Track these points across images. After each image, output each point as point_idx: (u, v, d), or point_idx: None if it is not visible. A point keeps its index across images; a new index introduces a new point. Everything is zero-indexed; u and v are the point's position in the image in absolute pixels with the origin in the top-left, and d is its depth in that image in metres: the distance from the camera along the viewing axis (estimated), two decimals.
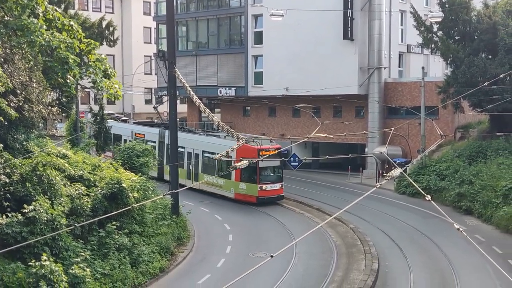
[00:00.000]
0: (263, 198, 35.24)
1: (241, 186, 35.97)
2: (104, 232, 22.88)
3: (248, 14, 50.91)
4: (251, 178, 35.61)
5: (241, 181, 36.05)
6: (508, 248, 26.72)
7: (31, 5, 12.59)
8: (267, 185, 35.51)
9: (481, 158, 36.70)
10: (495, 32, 36.07)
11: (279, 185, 36.20)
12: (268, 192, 35.46)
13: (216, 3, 53.90)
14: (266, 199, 35.43)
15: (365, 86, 45.94)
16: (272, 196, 35.79)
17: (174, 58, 30.76)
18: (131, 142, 35.01)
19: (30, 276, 18.76)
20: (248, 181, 35.85)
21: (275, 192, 35.98)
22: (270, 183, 35.88)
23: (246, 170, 33.81)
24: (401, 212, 34.36)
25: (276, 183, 36.08)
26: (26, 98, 22.46)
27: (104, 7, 74.21)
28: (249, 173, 35.34)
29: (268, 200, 35.42)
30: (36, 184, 21.03)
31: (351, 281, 22.82)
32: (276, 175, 36.63)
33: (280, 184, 36.31)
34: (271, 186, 35.72)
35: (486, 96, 35.13)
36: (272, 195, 35.80)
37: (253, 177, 35.45)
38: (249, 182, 35.78)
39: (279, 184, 36.23)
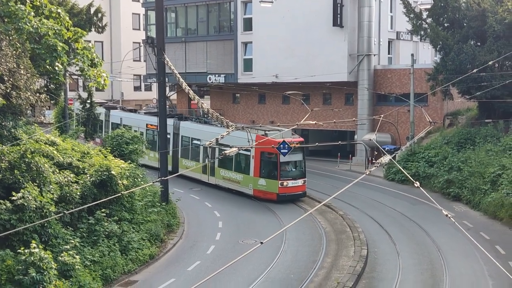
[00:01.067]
0: (284, 195, 32.87)
1: (260, 182, 33.41)
2: (94, 219, 22.89)
3: (238, 0, 50.65)
4: (271, 173, 33.33)
5: (260, 176, 33.57)
6: (495, 234, 26.97)
7: None
8: (288, 181, 32.98)
9: (469, 145, 36.90)
10: (484, 19, 36.12)
11: (301, 181, 33.70)
12: (289, 189, 33.01)
13: None
14: (287, 196, 33.01)
15: (355, 73, 45.97)
16: (293, 193, 33.27)
17: (163, 44, 30.63)
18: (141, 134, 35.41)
19: (19, 263, 18.76)
20: (268, 177, 33.39)
21: (297, 189, 33.42)
22: (292, 179, 33.32)
23: (266, 165, 33.21)
24: (390, 198, 34.54)
25: (298, 179, 33.55)
26: (14, 85, 22.31)
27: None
28: (269, 168, 33.55)
29: (289, 197, 33.07)
30: (25, 172, 20.97)
31: (340, 267, 22.96)
32: (298, 171, 34.26)
33: (303, 180, 33.81)
34: (292, 182, 33.14)
35: (475, 83, 35.27)
36: (293, 192, 33.28)
37: (274, 173, 33.16)
38: (269, 178, 33.26)
39: (301, 180, 33.71)
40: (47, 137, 25.20)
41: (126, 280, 22.17)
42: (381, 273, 22.71)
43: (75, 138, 32.60)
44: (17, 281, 18.57)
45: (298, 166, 34.48)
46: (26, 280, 18.50)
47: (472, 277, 21.94)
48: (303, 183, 33.71)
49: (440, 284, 21.26)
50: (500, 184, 30.94)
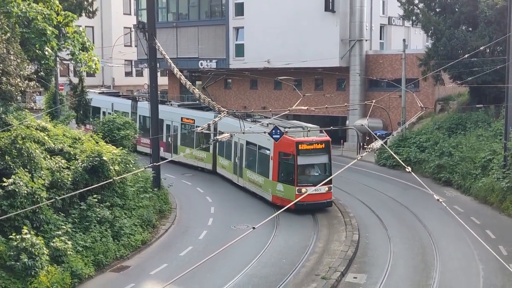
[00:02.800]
0: (302, 205, 26.78)
1: (279, 187, 28.46)
2: (85, 205, 22.84)
3: None
4: (289, 177, 28.23)
5: (278, 180, 28.60)
6: (485, 219, 27.12)
7: None
8: (307, 188, 27.37)
9: (460, 130, 37.02)
10: (476, 4, 36.11)
11: (326, 188, 27.67)
12: (308, 197, 26.66)
13: None
14: (306, 205, 27.36)
15: (347, 59, 45.94)
16: (314, 202, 27.77)
17: (154, 29, 30.43)
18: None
19: (11, 249, 18.75)
20: (286, 182, 28.29)
21: (319, 197, 27.88)
22: (312, 185, 27.43)
23: (284, 168, 28.40)
24: (382, 183, 34.64)
25: (320, 186, 26.58)
26: (4, 70, 22.16)
27: None
28: (288, 171, 28.39)
29: (309, 207, 27.60)
30: (16, 157, 20.88)
31: (332, 252, 23.04)
32: (322, 175, 28.35)
33: (327, 187, 27.73)
34: (313, 189, 26.83)
35: (466, 68, 35.30)
36: (314, 200, 27.72)
37: (291, 177, 28.07)
38: (286, 183, 28.15)
39: (326, 187, 27.62)
40: (38, 122, 25.05)
41: (118, 266, 22.19)
42: (372, 258, 22.83)
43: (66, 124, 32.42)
44: (9, 267, 18.58)
45: (322, 169, 29.08)
46: (18, 265, 18.51)
47: (463, 261, 22.07)
48: (327, 190, 28.05)
49: (431, 268, 21.38)
50: (491, 169, 31.08)
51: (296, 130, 28.95)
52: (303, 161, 27.96)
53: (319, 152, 28.41)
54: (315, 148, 28.35)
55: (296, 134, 28.49)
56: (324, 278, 20.29)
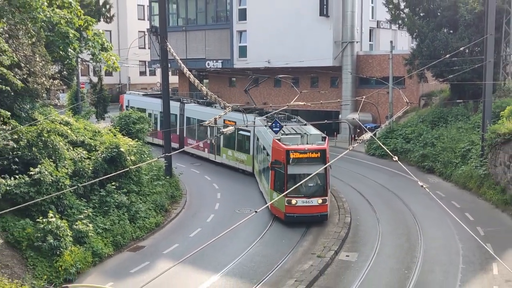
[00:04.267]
0: (291, 216, 23.64)
1: (274, 196, 24.28)
2: (105, 191, 22.89)
3: None
4: (281, 187, 23.95)
5: (274, 189, 24.70)
6: (465, 203, 27.12)
7: None
8: (297, 200, 23.47)
9: (442, 123, 36.97)
10: (456, 9, 35.98)
11: (319, 200, 23.67)
12: (298, 209, 23.51)
13: None
14: (296, 217, 23.65)
15: (339, 59, 45.85)
16: (305, 214, 23.65)
17: (166, 33, 30.41)
18: None
19: (38, 231, 18.84)
20: (279, 191, 24.04)
21: (311, 210, 23.68)
22: (304, 197, 23.65)
23: (278, 176, 24.19)
24: (371, 171, 34.64)
25: (312, 198, 23.66)
26: (30, 71, 22.17)
27: None
28: (280, 180, 24.12)
29: (299, 219, 23.69)
30: (42, 149, 20.91)
31: (326, 233, 23.06)
32: (314, 187, 24.15)
33: (321, 199, 23.72)
34: (304, 201, 23.51)
35: (447, 67, 35.21)
36: (305, 213, 23.63)
37: (282, 187, 23.86)
38: (280, 192, 23.82)
39: (319, 199, 23.67)
40: (61, 117, 25.07)
41: (134, 246, 22.28)
42: (363, 238, 22.86)
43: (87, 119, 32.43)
44: (36, 247, 18.67)
45: (315, 180, 24.18)
46: (44, 246, 18.60)
47: (444, 240, 22.10)
48: (321, 203, 23.70)
49: (415, 247, 21.41)
50: (470, 158, 31.09)
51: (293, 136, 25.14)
52: (294, 171, 23.47)
53: (313, 161, 23.51)
54: (309, 157, 23.58)
55: (293, 140, 24.63)
56: (319, 257, 20.33)
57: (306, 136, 24.85)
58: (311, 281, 18.29)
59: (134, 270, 19.70)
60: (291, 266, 19.79)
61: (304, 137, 24.76)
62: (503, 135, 26.86)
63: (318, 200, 23.63)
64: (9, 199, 18.91)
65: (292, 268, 19.56)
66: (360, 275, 18.94)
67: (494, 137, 28.01)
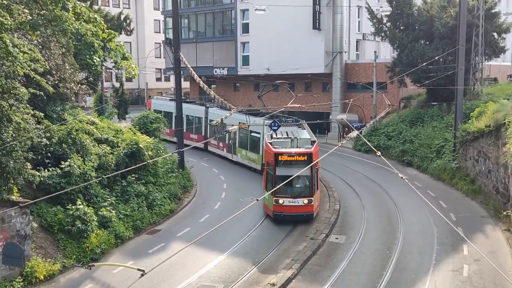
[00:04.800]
0: (279, 214, 22.41)
1: (266, 196, 23.05)
2: (126, 182, 22.94)
3: (237, 9, 50.20)
4: (270, 187, 22.59)
5: (266, 189, 23.36)
6: (439, 192, 27.11)
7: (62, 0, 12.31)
8: (284, 199, 22.20)
9: (419, 123, 36.92)
10: (432, 23, 35.89)
11: (305, 200, 22.23)
12: (285, 208, 22.24)
13: (211, 0, 53.06)
14: (283, 216, 22.36)
15: (330, 66, 45.81)
16: (291, 213, 22.28)
17: (179, 44, 30.38)
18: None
19: (68, 217, 18.90)
20: (269, 191, 22.78)
21: (298, 209, 22.25)
22: (290, 197, 22.27)
23: (269, 177, 22.95)
24: (358, 165, 34.63)
25: (298, 198, 22.27)
26: (61, 77, 22.19)
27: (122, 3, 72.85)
28: (270, 181, 22.78)
29: (286, 218, 22.35)
30: (71, 145, 20.96)
31: (319, 219, 23.06)
32: (300, 188, 22.74)
33: (307, 199, 22.23)
34: (290, 200, 22.20)
35: (424, 74, 35.13)
36: (292, 212, 22.25)
37: (271, 187, 22.34)
38: (269, 192, 22.65)
39: (305, 200, 22.23)
40: (88, 118, 25.10)
41: (151, 229, 22.33)
42: (350, 223, 22.87)
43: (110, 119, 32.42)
44: (66, 231, 18.74)
45: (302, 182, 22.84)
46: (73, 229, 18.66)
47: (421, 225, 22.10)
48: (307, 203, 22.24)
49: (396, 231, 21.43)
50: (443, 153, 31.07)
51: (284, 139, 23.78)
52: (281, 172, 21.87)
53: (300, 164, 21.84)
54: (296, 160, 22.14)
55: (284, 144, 23.27)
56: (312, 239, 20.36)
57: (296, 140, 23.32)
58: (305, 260, 18.34)
59: (151, 251, 19.75)
60: (288, 247, 19.82)
61: (294, 141, 23.25)
62: (473, 133, 26.83)
63: (304, 200, 22.19)
64: (43, 188, 18.97)
65: (288, 249, 19.58)
66: (348, 255, 18.97)
67: (465, 135, 27.99)
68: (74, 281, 17.17)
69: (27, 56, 15.68)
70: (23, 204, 16.55)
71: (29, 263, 16.83)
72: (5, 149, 15.68)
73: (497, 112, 24.30)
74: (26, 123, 16.38)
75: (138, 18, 73.02)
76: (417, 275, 16.95)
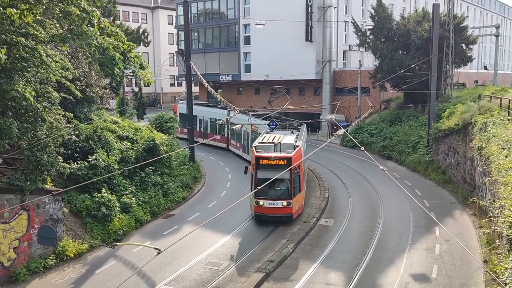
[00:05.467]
0: (260, 215, 20.35)
1: (251, 196, 20.96)
2: (144, 173, 22.95)
3: (240, 23, 50.10)
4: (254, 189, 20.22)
5: (251, 189, 20.93)
6: (415, 182, 27.11)
7: (88, 17, 12.30)
8: (264, 201, 20.11)
9: (398, 122, 36.89)
10: (409, 35, 35.79)
11: (284, 203, 20.01)
12: (265, 209, 20.16)
13: (218, 16, 52.91)
14: (264, 216, 20.32)
15: (320, 73, 45.70)
16: (270, 215, 20.20)
17: (189, 54, 30.34)
18: None
19: (94, 203, 18.92)
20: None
21: (277, 211, 20.10)
22: (270, 199, 20.10)
23: (252, 179, 20.59)
24: (344, 158, 34.61)
25: (278, 200, 20.05)
26: (88, 83, 22.16)
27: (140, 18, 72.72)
28: (253, 183, 20.51)
29: (266, 218, 20.32)
30: (96, 141, 20.96)
31: (310, 204, 23.08)
32: (280, 190, 20.34)
33: (286, 201, 20.03)
34: (270, 202, 20.06)
35: (402, 80, 35.08)
36: (271, 213, 20.17)
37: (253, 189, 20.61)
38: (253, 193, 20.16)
39: (284, 202, 20.02)
40: (111, 118, 25.11)
41: (166, 214, 22.35)
42: (338, 208, 22.87)
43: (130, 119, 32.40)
44: (93, 215, 18.76)
45: (281, 185, 20.40)
46: (99, 214, 18.69)
47: (399, 210, 22.11)
48: (286, 205, 20.01)
49: (377, 215, 21.43)
50: (418, 148, 31.05)
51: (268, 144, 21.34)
52: (262, 175, 19.83)
53: (280, 167, 19.69)
54: (277, 164, 19.97)
55: (267, 148, 21.05)
56: (305, 222, 20.35)
57: (280, 145, 21.10)
58: (299, 240, 18.35)
59: (166, 232, 19.77)
60: (284, 229, 19.80)
61: (278, 146, 21.06)
62: (444, 130, 26.80)
63: (283, 202, 19.97)
64: (72, 179, 18.99)
65: (284, 231, 19.58)
66: (336, 236, 18.98)
67: (437, 132, 27.96)
68: (99, 258, 17.22)
69: (58, 64, 15.68)
70: (55, 192, 16.59)
71: (61, 243, 16.87)
72: (40, 145, 15.71)
73: (465, 113, 24.29)
74: (58, 123, 16.39)
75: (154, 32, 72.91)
76: (395, 254, 16.97)
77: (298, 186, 20.76)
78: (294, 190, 20.34)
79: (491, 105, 23.42)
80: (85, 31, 12.61)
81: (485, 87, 38.21)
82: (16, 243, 15.60)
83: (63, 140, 18.36)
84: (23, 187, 15.65)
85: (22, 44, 12.98)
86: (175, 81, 74.44)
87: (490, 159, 17.34)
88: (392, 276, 15.10)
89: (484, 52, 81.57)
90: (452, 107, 28.39)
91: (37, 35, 13.63)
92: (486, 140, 19.17)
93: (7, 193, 15.32)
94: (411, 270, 15.52)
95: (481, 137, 19.85)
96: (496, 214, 14.55)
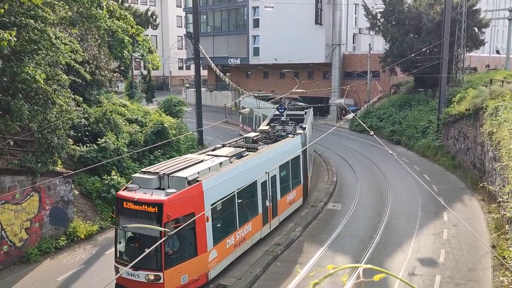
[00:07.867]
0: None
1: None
2: (153, 156, 23.06)
3: (249, 6, 49.62)
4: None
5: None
6: (423, 167, 27.02)
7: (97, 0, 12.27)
8: (123, 268, 11.55)
9: (407, 106, 36.61)
10: (420, 19, 35.25)
11: (149, 275, 11.51)
12: (124, 281, 11.79)
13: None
14: None
15: (330, 57, 45.33)
16: None
17: (198, 37, 30.19)
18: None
19: (104, 185, 19.08)
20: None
21: (135, 286, 11.65)
22: (130, 268, 11.13)
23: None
24: (353, 143, 34.51)
25: (140, 271, 11.56)
26: (97, 66, 22.18)
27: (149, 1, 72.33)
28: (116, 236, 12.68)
29: None
30: (106, 124, 21.05)
31: (319, 189, 23.14)
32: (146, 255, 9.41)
33: (153, 274, 11.48)
34: (129, 272, 11.61)
35: (412, 64, 34.68)
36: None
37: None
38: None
39: (150, 275, 11.51)
40: (120, 101, 25.15)
41: None
42: (346, 192, 22.91)
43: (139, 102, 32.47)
44: (103, 197, 18.94)
45: (146, 245, 10.93)
46: (109, 196, 18.85)
47: (408, 194, 22.09)
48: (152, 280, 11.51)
49: (385, 200, 21.43)
50: (428, 133, 30.83)
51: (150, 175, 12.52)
52: (123, 226, 11.75)
53: (148, 217, 11.52)
54: (145, 210, 11.63)
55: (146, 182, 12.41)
56: (313, 206, 20.44)
57: (167, 178, 12.41)
58: (307, 224, 18.44)
59: None
60: (292, 213, 19.89)
61: (164, 179, 12.43)
62: (454, 115, 26.55)
63: (149, 275, 11.57)
64: (82, 161, 19.15)
65: (292, 215, 19.65)
66: (343, 220, 19.04)
67: (447, 117, 27.71)
68: (109, 239, 17.43)
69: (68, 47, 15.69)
70: (66, 174, 16.75)
71: (72, 224, 17.11)
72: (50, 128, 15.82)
73: (476, 98, 23.99)
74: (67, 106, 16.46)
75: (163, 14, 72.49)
76: (403, 238, 16.99)
77: (185, 248, 12.20)
78: (172, 256, 11.80)
79: (502, 89, 23.11)
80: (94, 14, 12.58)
81: (497, 72, 37.65)
82: (27, 224, 15.85)
83: (73, 123, 18.46)
84: (34, 169, 15.82)
85: (31, 26, 12.98)
86: (183, 64, 74.24)
87: (501, 144, 17.18)
88: (399, 260, 15.15)
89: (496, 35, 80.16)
90: (463, 92, 28.05)
91: (46, 17, 13.61)
92: (497, 125, 18.96)
93: (19, 174, 15.51)
94: (418, 255, 15.55)
95: (492, 122, 19.64)
96: (506, 200, 14.47)
